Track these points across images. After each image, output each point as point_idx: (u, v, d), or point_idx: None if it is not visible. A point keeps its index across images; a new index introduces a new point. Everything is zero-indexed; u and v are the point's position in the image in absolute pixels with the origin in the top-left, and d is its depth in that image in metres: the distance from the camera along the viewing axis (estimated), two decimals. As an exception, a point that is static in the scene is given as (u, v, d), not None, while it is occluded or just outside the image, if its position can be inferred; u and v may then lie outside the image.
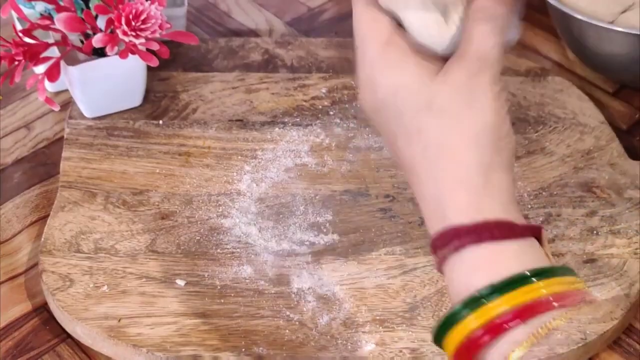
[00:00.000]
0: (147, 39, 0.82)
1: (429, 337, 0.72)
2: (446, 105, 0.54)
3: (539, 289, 0.50)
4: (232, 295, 0.76)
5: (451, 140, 0.54)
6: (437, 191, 0.54)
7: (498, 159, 0.54)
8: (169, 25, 0.83)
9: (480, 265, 0.52)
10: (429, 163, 0.54)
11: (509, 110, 0.56)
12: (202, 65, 0.98)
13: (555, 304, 0.49)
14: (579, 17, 0.91)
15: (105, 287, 0.76)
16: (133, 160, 0.87)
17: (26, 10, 0.87)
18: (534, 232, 0.53)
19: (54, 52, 0.85)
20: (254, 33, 1.07)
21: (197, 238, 0.80)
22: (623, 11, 0.93)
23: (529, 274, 0.50)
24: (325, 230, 0.82)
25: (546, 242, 0.54)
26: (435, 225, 0.54)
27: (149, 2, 0.82)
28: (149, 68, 0.89)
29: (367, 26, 0.59)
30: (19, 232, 0.84)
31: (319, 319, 0.74)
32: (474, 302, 0.50)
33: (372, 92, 0.57)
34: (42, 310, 0.78)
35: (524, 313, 0.49)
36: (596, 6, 0.93)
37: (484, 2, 0.56)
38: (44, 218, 0.83)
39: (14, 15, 0.87)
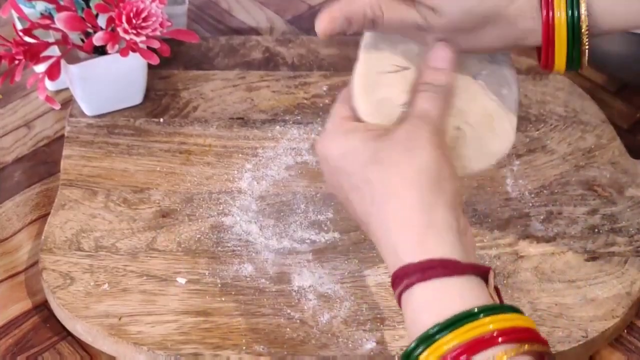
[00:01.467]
0: (147, 37, 0.82)
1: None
2: (387, 155, 0.58)
3: (486, 325, 0.53)
4: (233, 293, 0.76)
5: (393, 183, 0.58)
6: (387, 234, 0.57)
7: (440, 199, 0.57)
8: (169, 24, 0.83)
9: (427, 302, 0.55)
10: (378, 209, 0.58)
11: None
12: (202, 63, 0.98)
13: (500, 338, 0.52)
14: (580, 15, 0.91)
15: (106, 285, 0.76)
16: (134, 158, 0.87)
17: (26, 10, 0.87)
18: (480, 271, 0.56)
19: (54, 51, 0.85)
20: (255, 31, 1.06)
21: (198, 236, 0.80)
22: (625, 10, 0.93)
23: (476, 310, 0.53)
24: (326, 229, 0.81)
25: (492, 282, 0.57)
26: (392, 267, 0.57)
27: (150, 0, 0.82)
28: (150, 66, 0.88)
29: (336, 106, 0.66)
30: (20, 230, 0.84)
31: (319, 317, 0.74)
32: (426, 339, 0.53)
33: (326, 162, 0.62)
34: (43, 308, 0.78)
35: (473, 347, 0.52)
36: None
37: (427, 76, 0.62)
38: (45, 216, 0.83)
39: (14, 14, 0.87)
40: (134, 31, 0.81)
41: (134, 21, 0.81)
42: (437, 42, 0.62)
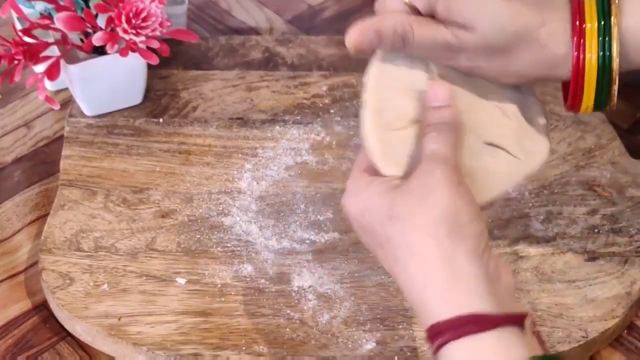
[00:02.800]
0: (147, 37, 0.82)
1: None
2: (402, 208, 0.57)
3: None
4: (233, 293, 0.76)
5: (412, 238, 0.56)
6: (414, 291, 0.56)
7: (461, 248, 0.55)
8: (169, 23, 0.83)
9: None
10: (401, 267, 0.56)
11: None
12: (202, 63, 0.98)
13: None
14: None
15: (106, 285, 0.76)
16: (133, 158, 0.87)
17: (26, 10, 0.87)
18: (515, 320, 0.54)
19: (53, 51, 0.85)
20: (255, 31, 1.06)
21: (198, 236, 0.80)
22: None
23: None
24: (325, 229, 0.81)
25: (529, 329, 0.54)
26: (424, 324, 0.55)
27: (150, 0, 0.81)
28: (149, 66, 0.88)
29: (357, 159, 0.64)
30: (19, 230, 0.84)
31: (319, 318, 0.74)
32: None
33: (352, 220, 0.61)
34: (42, 309, 0.78)
35: None
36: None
37: (429, 117, 0.60)
38: (44, 216, 0.83)
39: (14, 14, 0.87)
40: (134, 31, 0.81)
41: (133, 21, 0.81)
42: (434, 82, 0.62)
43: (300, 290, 0.76)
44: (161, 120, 0.91)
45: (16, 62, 0.81)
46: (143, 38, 0.82)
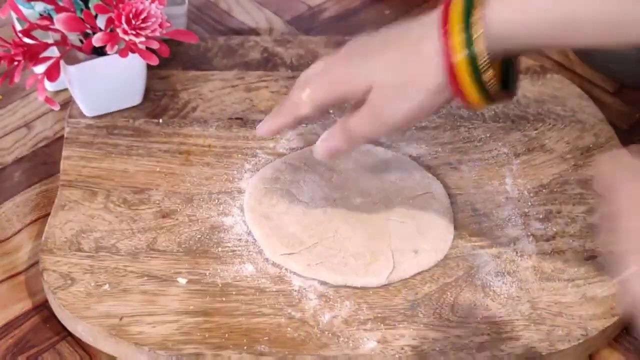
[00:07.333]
0: (147, 37, 0.82)
1: (430, 334, 0.73)
2: None
3: None
4: (234, 293, 0.76)
5: None
6: None
7: None
8: (169, 24, 0.83)
9: None
10: None
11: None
12: (201, 63, 0.98)
13: None
14: (579, 14, 0.91)
15: (107, 285, 0.76)
16: (133, 158, 0.87)
17: (25, 11, 0.87)
18: None
19: (53, 51, 0.85)
20: (254, 32, 1.07)
21: (198, 236, 0.80)
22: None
23: None
24: (326, 228, 0.82)
25: None
26: None
27: (149, 0, 0.82)
28: (149, 67, 0.89)
29: None
30: (19, 230, 0.84)
31: (320, 317, 0.74)
32: None
33: None
34: (43, 309, 0.78)
35: None
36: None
37: None
38: (44, 217, 0.83)
39: (14, 15, 0.87)
40: (133, 32, 0.81)
41: (133, 22, 0.81)
42: None
43: (301, 290, 0.76)
44: (161, 120, 0.91)
45: (16, 63, 0.82)
46: (143, 39, 0.82)
